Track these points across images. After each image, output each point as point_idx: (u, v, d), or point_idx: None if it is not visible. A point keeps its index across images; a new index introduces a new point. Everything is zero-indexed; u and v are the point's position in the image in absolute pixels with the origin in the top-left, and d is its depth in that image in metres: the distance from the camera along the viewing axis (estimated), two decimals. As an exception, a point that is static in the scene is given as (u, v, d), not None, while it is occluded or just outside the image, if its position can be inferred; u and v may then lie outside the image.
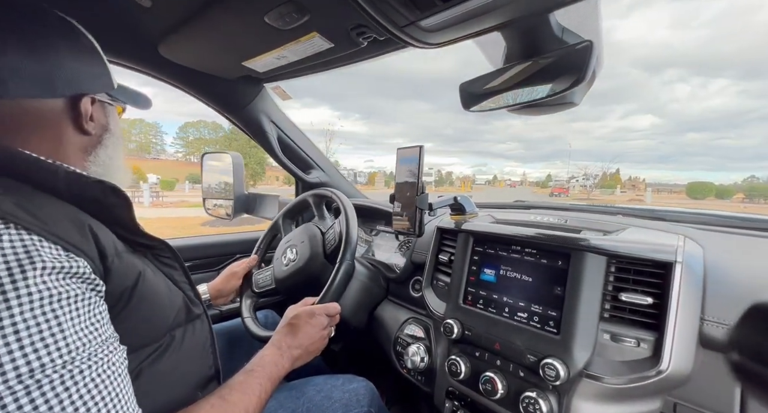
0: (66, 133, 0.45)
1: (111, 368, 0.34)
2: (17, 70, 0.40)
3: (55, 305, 0.31)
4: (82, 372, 0.31)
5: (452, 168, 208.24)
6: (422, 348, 0.82)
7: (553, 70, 0.55)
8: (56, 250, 0.33)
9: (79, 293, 0.34)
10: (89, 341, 0.33)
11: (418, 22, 0.52)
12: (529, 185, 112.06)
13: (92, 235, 0.38)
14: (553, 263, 0.64)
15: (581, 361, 0.55)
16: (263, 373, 0.55)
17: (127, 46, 0.82)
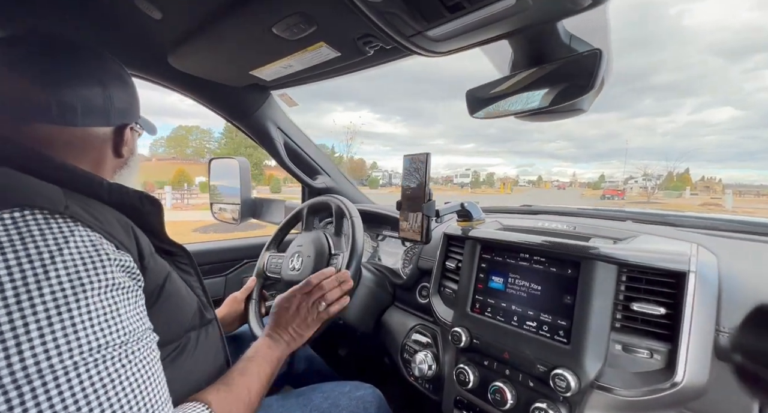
0: (106, 155, 0.51)
1: (152, 353, 0.39)
2: (87, 102, 0.47)
3: (116, 292, 0.36)
4: (134, 353, 0.36)
5: (495, 169, 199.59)
6: (430, 355, 0.82)
7: (561, 78, 0.55)
8: (111, 246, 0.38)
9: (131, 284, 0.39)
10: (138, 327, 0.38)
11: (425, 32, 0.53)
12: (580, 186, 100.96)
13: (134, 236, 0.43)
14: (563, 272, 0.63)
15: (592, 372, 0.55)
16: (259, 357, 0.61)
17: (139, 58, 0.84)
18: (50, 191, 0.38)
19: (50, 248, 0.33)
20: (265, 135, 1.15)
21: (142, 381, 0.36)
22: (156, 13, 0.67)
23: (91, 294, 0.34)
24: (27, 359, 0.29)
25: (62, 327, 0.31)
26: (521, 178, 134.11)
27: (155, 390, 0.37)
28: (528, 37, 0.59)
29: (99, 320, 0.34)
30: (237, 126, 1.14)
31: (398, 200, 0.83)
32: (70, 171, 0.43)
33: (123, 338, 0.35)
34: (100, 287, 0.35)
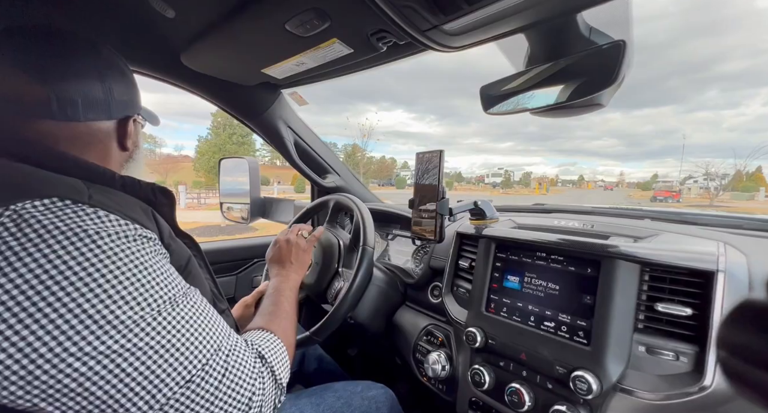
0: (111, 149, 0.51)
1: (201, 297, 0.43)
2: (87, 96, 0.46)
3: (157, 257, 0.40)
4: (189, 299, 0.41)
5: (534, 168, 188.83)
6: (443, 356, 0.81)
7: (581, 72, 0.54)
8: (133, 224, 0.39)
9: (162, 252, 0.42)
10: (180, 282, 0.41)
11: (442, 26, 0.51)
12: (628, 186, 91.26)
13: (155, 220, 0.45)
14: (582, 271, 0.61)
15: (615, 374, 0.53)
16: (280, 288, 0.68)
17: (152, 57, 0.84)
18: (72, 182, 0.39)
19: (89, 229, 0.34)
20: (275, 134, 1.15)
21: (204, 318, 0.41)
22: (169, 11, 0.67)
23: (142, 260, 0.37)
24: (108, 316, 0.33)
25: (128, 292, 0.34)
26: (562, 178, 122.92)
27: (216, 323, 0.42)
28: (546, 30, 0.57)
29: (158, 279, 0.38)
30: (247, 125, 1.14)
31: (410, 198, 0.83)
32: (83, 166, 0.43)
33: (173, 291, 0.39)
34: (146, 254, 0.38)
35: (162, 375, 0.35)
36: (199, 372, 0.37)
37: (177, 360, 0.36)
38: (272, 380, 0.46)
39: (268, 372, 0.46)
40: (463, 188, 70.20)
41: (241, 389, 0.41)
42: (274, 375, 0.47)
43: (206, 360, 0.38)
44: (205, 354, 0.38)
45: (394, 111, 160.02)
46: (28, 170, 0.38)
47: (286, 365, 0.51)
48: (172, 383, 0.35)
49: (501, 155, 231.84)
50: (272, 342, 0.51)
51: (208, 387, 0.38)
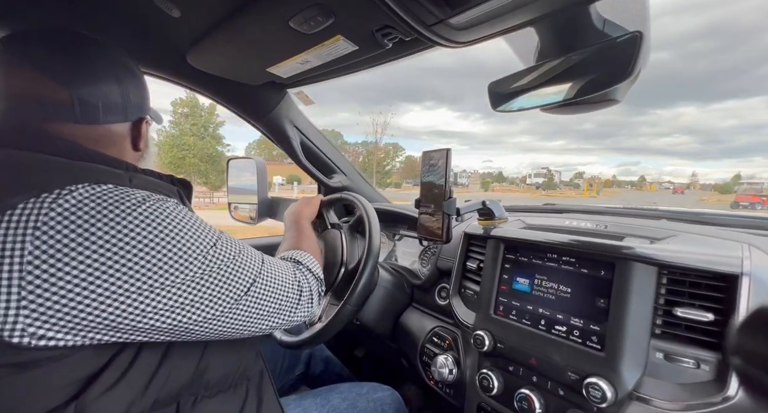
0: (126, 149, 0.53)
1: (233, 238, 0.50)
2: (106, 99, 0.48)
3: (192, 213, 0.46)
4: (224, 233, 0.48)
5: (588, 168, 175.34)
6: (450, 359, 0.79)
7: (595, 66, 0.51)
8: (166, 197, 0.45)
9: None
10: (215, 229, 0.48)
11: (448, 20, 0.50)
12: (701, 188, 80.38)
13: (180, 197, 0.50)
14: (595, 273, 0.59)
15: (630, 382, 0.51)
16: (294, 222, 0.78)
17: (157, 57, 0.84)
18: (111, 169, 0.43)
19: (137, 197, 0.40)
20: (281, 134, 1.15)
21: (242, 243, 0.49)
22: (175, 11, 0.66)
23: (186, 212, 0.43)
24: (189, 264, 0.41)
25: (189, 235, 0.42)
26: (622, 178, 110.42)
27: (251, 248, 0.50)
28: (557, 23, 0.55)
29: (203, 224, 0.45)
30: (253, 125, 1.14)
31: (417, 198, 0.81)
32: (112, 161, 0.46)
33: (215, 229, 0.47)
34: (187, 210, 0.44)
35: (231, 283, 0.44)
36: (257, 276, 0.48)
37: (239, 272, 0.45)
38: (310, 273, 0.59)
39: (305, 268, 0.59)
40: (502, 188, 65.30)
41: (289, 280, 0.53)
42: (309, 270, 0.60)
43: (258, 267, 0.49)
44: (256, 265, 0.48)
45: (438, 110, 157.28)
46: (66, 162, 0.40)
47: (317, 264, 0.63)
48: (243, 286, 0.45)
49: (551, 154, 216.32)
50: (302, 254, 0.63)
51: (268, 283, 0.49)
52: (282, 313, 0.51)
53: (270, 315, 0.49)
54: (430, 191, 0.76)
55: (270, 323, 0.50)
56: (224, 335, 0.46)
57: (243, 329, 0.47)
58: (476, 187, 66.72)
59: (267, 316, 0.49)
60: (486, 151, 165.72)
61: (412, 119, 19.35)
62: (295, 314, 0.53)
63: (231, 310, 0.44)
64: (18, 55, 0.44)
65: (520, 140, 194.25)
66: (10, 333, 0.33)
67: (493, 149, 28.18)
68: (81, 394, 0.37)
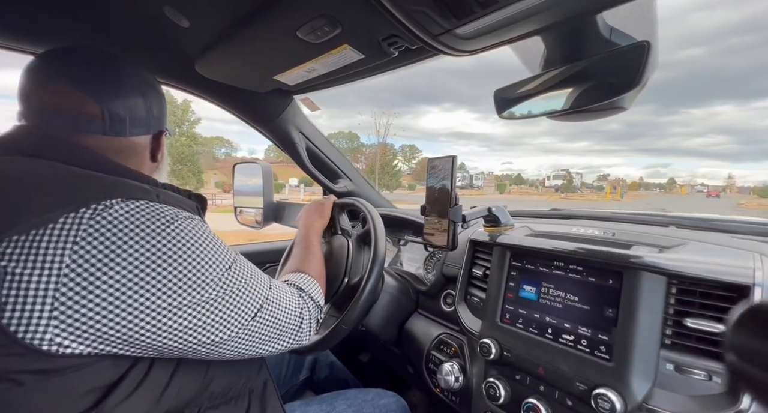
0: (145, 160, 0.55)
1: (245, 260, 0.51)
2: (133, 113, 0.51)
3: (212, 232, 0.47)
4: (239, 256, 0.50)
5: (614, 170, 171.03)
6: (456, 367, 0.78)
7: (602, 74, 0.51)
8: (189, 212, 0.46)
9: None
10: (229, 246, 0.50)
11: (454, 30, 0.50)
12: (739, 191, 75.06)
13: (199, 213, 0.51)
14: (603, 282, 0.59)
15: (640, 393, 0.50)
16: (304, 237, 0.79)
17: (167, 66, 0.86)
18: (139, 185, 0.44)
19: (166, 215, 0.41)
20: (287, 140, 1.16)
21: (254, 268, 0.51)
22: (184, 21, 0.68)
23: (208, 232, 0.45)
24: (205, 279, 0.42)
25: (208, 256, 0.43)
26: (650, 181, 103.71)
27: (261, 273, 0.52)
28: (564, 32, 0.55)
29: (221, 244, 0.46)
30: (260, 131, 1.15)
31: (422, 204, 0.81)
32: (137, 175, 0.48)
33: (232, 250, 0.48)
34: (208, 228, 0.46)
35: (242, 307, 0.45)
36: (264, 301, 0.49)
37: (250, 296, 0.47)
38: (311, 300, 0.60)
39: (307, 296, 0.60)
40: (519, 191, 62.24)
41: (293, 306, 0.54)
42: (311, 298, 0.60)
43: (267, 293, 0.50)
44: (265, 290, 0.50)
45: (456, 111, 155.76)
46: (98, 176, 0.42)
47: (320, 291, 0.64)
48: (251, 311, 0.47)
49: (574, 156, 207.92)
50: (305, 279, 0.64)
51: (274, 309, 0.50)
52: (282, 339, 0.52)
53: (272, 341, 0.51)
54: (435, 197, 0.76)
55: (270, 348, 0.51)
56: (225, 356, 0.47)
57: (244, 352, 0.48)
58: (491, 189, 64.45)
59: (269, 341, 0.50)
60: (506, 153, 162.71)
61: (430, 120, 19.22)
62: (294, 341, 0.54)
63: (238, 334, 0.45)
64: (56, 71, 0.47)
65: (541, 141, 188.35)
66: (39, 340, 0.34)
67: (513, 150, 27.73)
68: (101, 402, 0.38)
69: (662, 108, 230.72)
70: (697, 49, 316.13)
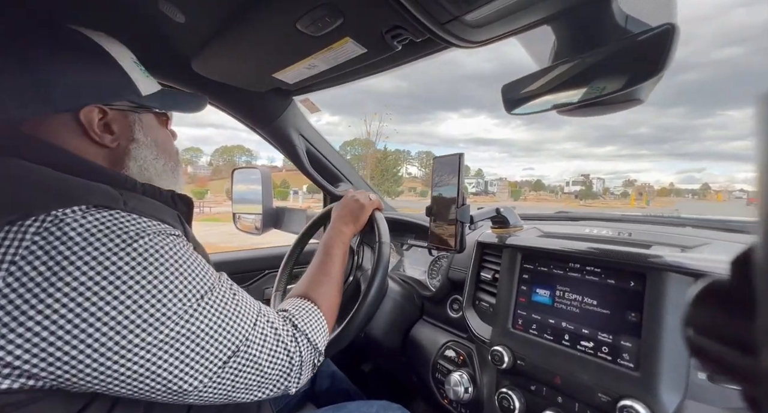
0: (82, 147, 0.44)
1: (232, 285, 0.45)
2: (18, 90, 0.40)
3: (189, 252, 0.40)
4: (223, 283, 0.43)
5: (643, 175, 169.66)
6: (465, 376, 0.74)
7: (620, 63, 0.48)
8: (164, 225, 0.40)
9: (191, 248, 0.42)
10: (212, 270, 0.43)
11: (463, 17, 0.48)
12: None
13: (181, 222, 0.45)
14: (624, 285, 0.55)
15: (671, 406, 0.46)
16: (327, 248, 0.68)
17: (162, 63, 0.83)
18: (104, 188, 0.39)
19: (129, 231, 0.35)
20: (287, 142, 1.13)
21: (238, 299, 0.43)
22: (179, 16, 0.65)
23: (181, 254, 0.38)
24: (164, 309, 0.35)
25: (174, 285, 0.36)
26: (682, 187, 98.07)
27: (249, 302, 0.44)
28: (576, 20, 0.53)
29: (197, 270, 0.39)
30: (259, 133, 1.13)
31: (428, 205, 0.78)
32: (105, 174, 0.43)
33: (213, 276, 0.42)
34: (182, 248, 0.39)
35: (212, 350, 0.38)
36: (242, 343, 0.41)
37: (223, 337, 0.39)
38: (307, 343, 0.49)
39: (303, 337, 0.49)
40: (536, 197, 59.34)
41: (280, 351, 0.45)
42: (308, 339, 0.50)
43: (247, 334, 0.42)
44: (246, 329, 0.42)
45: (476, 117, 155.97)
46: (57, 176, 0.37)
47: (323, 329, 0.53)
48: (224, 356, 0.39)
49: (600, 161, 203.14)
50: (308, 311, 0.53)
51: (253, 353, 0.42)
52: (263, 389, 0.44)
53: (248, 390, 0.43)
54: (442, 198, 0.73)
55: (247, 397, 0.43)
56: (194, 403, 0.40)
57: (213, 400, 0.40)
58: (505, 196, 61.50)
59: (245, 391, 0.42)
60: (527, 158, 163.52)
61: (449, 126, 18.93)
62: (278, 390, 0.46)
63: (204, 383, 0.38)
64: None
65: (564, 146, 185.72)
66: None
67: (535, 156, 27.37)
68: None
69: (696, 110, 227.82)
70: (735, 48, 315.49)
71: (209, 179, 69.49)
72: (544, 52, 0.63)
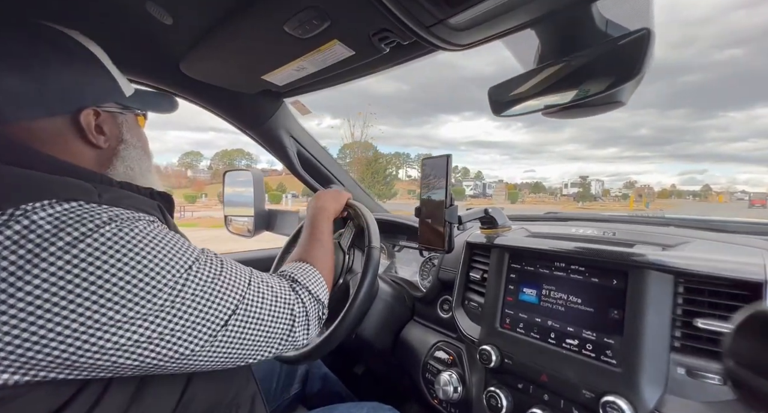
0: (75, 148, 0.45)
1: (217, 257, 0.44)
2: (10, 93, 0.40)
3: (168, 233, 0.40)
4: (207, 254, 0.43)
5: (644, 177, 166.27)
6: (455, 376, 0.75)
7: (601, 66, 0.50)
8: (142, 213, 0.40)
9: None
10: (194, 245, 0.43)
11: (447, 20, 0.48)
12: None
13: (163, 214, 0.45)
14: (607, 283, 0.56)
15: (651, 401, 0.47)
16: (313, 222, 0.71)
17: (150, 65, 0.83)
18: (78, 183, 0.38)
19: (103, 216, 0.35)
20: (277, 144, 1.13)
21: (227, 265, 0.43)
22: (167, 18, 0.65)
23: (159, 235, 0.38)
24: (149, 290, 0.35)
25: (156, 264, 0.36)
26: (684, 188, 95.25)
27: (239, 267, 0.45)
28: (558, 25, 0.54)
29: (178, 245, 0.39)
30: (249, 135, 1.12)
31: (417, 206, 0.78)
32: (83, 173, 0.41)
33: (196, 250, 0.42)
34: (160, 230, 0.39)
35: (211, 312, 0.39)
36: (240, 302, 0.42)
37: (220, 298, 0.40)
38: (308, 294, 0.51)
39: (303, 289, 0.51)
40: (533, 200, 57.95)
41: (281, 305, 0.46)
42: (309, 291, 0.52)
43: (243, 292, 0.43)
44: (241, 289, 0.43)
45: (477, 120, 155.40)
46: (27, 174, 0.36)
47: (322, 284, 0.55)
48: (224, 315, 0.40)
49: (601, 163, 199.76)
50: (305, 269, 0.56)
51: (253, 310, 0.43)
52: (269, 345, 0.45)
53: (256, 347, 0.44)
54: (430, 199, 0.73)
55: (257, 355, 0.45)
56: (203, 368, 0.41)
57: (224, 363, 0.42)
58: (501, 198, 59.82)
59: (253, 348, 0.43)
60: (528, 160, 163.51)
61: (450, 129, 18.77)
62: (286, 344, 0.47)
63: (209, 344, 0.39)
64: None
65: (566, 148, 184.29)
66: None
67: (536, 158, 27.10)
68: None
69: (698, 112, 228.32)
70: (737, 50, 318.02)
71: (207, 183, 68.40)
72: (529, 55, 0.64)
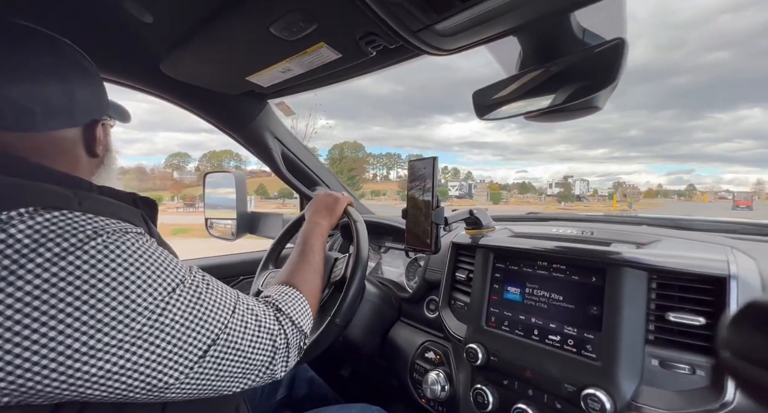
0: (80, 157, 0.47)
1: (204, 276, 0.43)
2: (46, 102, 0.42)
3: (153, 247, 0.38)
4: (194, 275, 0.41)
5: (632, 177, 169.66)
6: (442, 375, 0.76)
7: (578, 73, 0.52)
8: (125, 223, 0.38)
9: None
10: (181, 263, 0.41)
11: (433, 26, 0.50)
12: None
13: (145, 222, 0.43)
14: (586, 280, 0.58)
15: (628, 391, 0.49)
16: (305, 239, 0.69)
17: (129, 65, 0.80)
18: (56, 189, 0.36)
19: (86, 229, 0.33)
20: (261, 145, 1.12)
21: (213, 288, 0.42)
22: (147, 16, 0.63)
23: (144, 250, 0.36)
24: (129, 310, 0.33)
25: (140, 283, 0.34)
26: (671, 188, 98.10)
27: (225, 291, 0.44)
28: (538, 32, 0.56)
29: (164, 264, 0.38)
30: (232, 136, 1.10)
31: (404, 208, 0.79)
32: (60, 178, 0.40)
33: (183, 269, 0.40)
34: (144, 243, 0.37)
35: (190, 341, 0.37)
36: (221, 332, 0.40)
37: (201, 326, 0.38)
38: (291, 325, 0.49)
39: (287, 319, 0.49)
40: (517, 200, 57.72)
41: (263, 336, 0.44)
42: (292, 322, 0.50)
43: (226, 321, 0.41)
44: (224, 317, 0.41)
45: (471, 121, 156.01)
46: (7, 180, 0.35)
47: (306, 313, 0.53)
48: (203, 345, 0.38)
49: (592, 164, 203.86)
50: (290, 295, 0.53)
51: (234, 341, 0.41)
52: (246, 377, 0.43)
53: (231, 379, 0.42)
54: (417, 200, 0.74)
55: (233, 387, 0.43)
56: (174, 399, 0.38)
57: (196, 394, 0.39)
58: (483, 199, 59.83)
59: (230, 380, 0.42)
60: (520, 161, 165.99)
61: (444, 130, 18.65)
62: (262, 377, 0.45)
63: (180, 377, 0.36)
64: None
65: (557, 149, 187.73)
66: None
67: (528, 159, 27.41)
68: None
69: (686, 113, 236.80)
70: (723, 52, 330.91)
71: (192, 185, 65.79)
72: (511, 61, 0.66)
